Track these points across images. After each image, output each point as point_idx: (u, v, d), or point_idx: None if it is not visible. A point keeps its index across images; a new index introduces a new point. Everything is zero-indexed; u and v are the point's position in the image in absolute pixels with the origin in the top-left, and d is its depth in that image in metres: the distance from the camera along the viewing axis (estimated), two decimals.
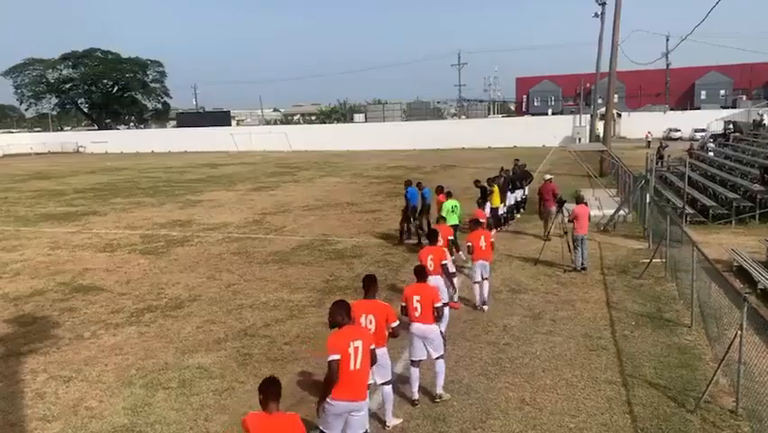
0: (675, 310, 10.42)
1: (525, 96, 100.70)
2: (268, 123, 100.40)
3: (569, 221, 13.40)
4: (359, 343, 5.44)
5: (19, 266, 15.25)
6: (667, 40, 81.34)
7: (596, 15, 43.58)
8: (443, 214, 13.73)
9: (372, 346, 5.65)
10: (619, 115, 67.03)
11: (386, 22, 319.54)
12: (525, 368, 8.26)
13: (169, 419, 7.14)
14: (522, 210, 20.11)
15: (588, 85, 69.10)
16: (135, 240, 18.24)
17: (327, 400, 5.47)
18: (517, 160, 22.56)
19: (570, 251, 13.27)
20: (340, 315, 5.59)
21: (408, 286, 7.67)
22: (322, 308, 11.04)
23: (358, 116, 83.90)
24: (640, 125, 64.28)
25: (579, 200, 13.66)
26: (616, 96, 44.26)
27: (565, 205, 14.39)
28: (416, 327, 7.22)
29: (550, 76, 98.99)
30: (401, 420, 6.91)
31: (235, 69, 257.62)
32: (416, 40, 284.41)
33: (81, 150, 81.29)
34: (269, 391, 4.51)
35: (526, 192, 20.67)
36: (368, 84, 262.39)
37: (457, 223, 14.29)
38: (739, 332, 6.51)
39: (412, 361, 7.38)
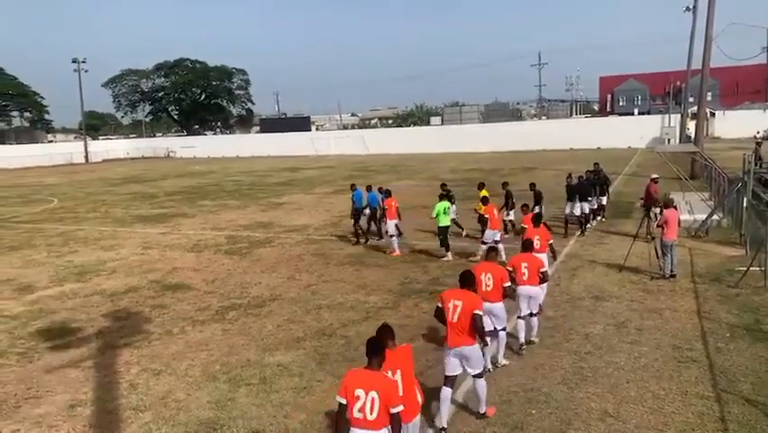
0: None
1: (609, 96, 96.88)
2: (345, 127, 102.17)
3: (657, 226, 12.76)
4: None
5: (115, 264, 16.28)
6: None
7: (687, 9, 41.42)
8: (435, 215, 15.04)
9: (476, 311, 6.55)
10: (713, 115, 63.16)
11: (463, 23, 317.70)
12: (609, 378, 7.92)
13: (251, 415, 7.38)
14: (601, 218, 18.91)
15: (678, 83, 65.61)
16: (221, 241, 19.04)
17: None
18: (597, 164, 20.70)
19: (657, 257, 12.63)
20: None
21: (515, 256, 9.06)
22: (396, 310, 11.11)
23: (434, 119, 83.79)
24: (736, 125, 60.34)
25: (668, 204, 12.99)
26: (709, 94, 41.70)
27: (653, 209, 13.72)
28: (524, 288, 8.70)
29: (636, 75, 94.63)
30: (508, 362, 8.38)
31: (314, 75, 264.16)
32: (494, 40, 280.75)
33: (171, 155, 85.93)
34: (372, 349, 5.15)
35: (604, 200, 19.14)
36: (445, 87, 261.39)
37: (448, 224, 15.28)
38: None
39: (519, 317, 8.87)
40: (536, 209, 16.54)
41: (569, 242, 16.23)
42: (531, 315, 8.95)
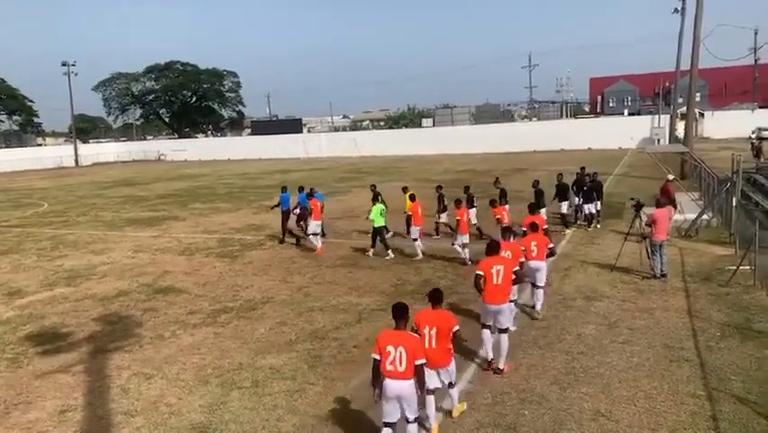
0: (766, 321, 9.75)
1: (599, 97, 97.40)
2: (337, 129, 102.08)
3: (647, 225, 12.83)
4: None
5: (106, 268, 16.17)
6: (755, 34, 76.79)
7: (676, 11, 41.81)
8: (371, 217, 15.63)
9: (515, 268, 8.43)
10: (702, 115, 63.59)
11: (453, 25, 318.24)
12: (601, 378, 7.95)
13: (243, 419, 7.34)
14: (595, 225, 18.28)
15: (667, 84, 66.07)
16: (212, 244, 18.96)
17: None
18: (584, 168, 20.08)
19: (648, 257, 12.69)
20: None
21: (525, 237, 10.62)
22: (389, 312, 11.06)
23: (426, 121, 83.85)
24: (725, 125, 60.80)
25: (658, 204, 13.05)
26: (698, 94, 42.00)
27: (643, 209, 13.78)
28: (533, 263, 10.16)
29: (626, 75, 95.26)
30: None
31: (306, 76, 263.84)
32: (484, 42, 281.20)
33: (162, 158, 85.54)
34: (397, 313, 6.22)
35: (599, 206, 18.56)
36: (436, 89, 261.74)
37: (384, 225, 15.80)
38: None
39: (534, 285, 10.43)
40: (541, 212, 16.56)
41: (561, 242, 16.28)
42: (537, 287, 10.43)
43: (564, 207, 18.21)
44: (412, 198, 16.53)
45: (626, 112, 79.81)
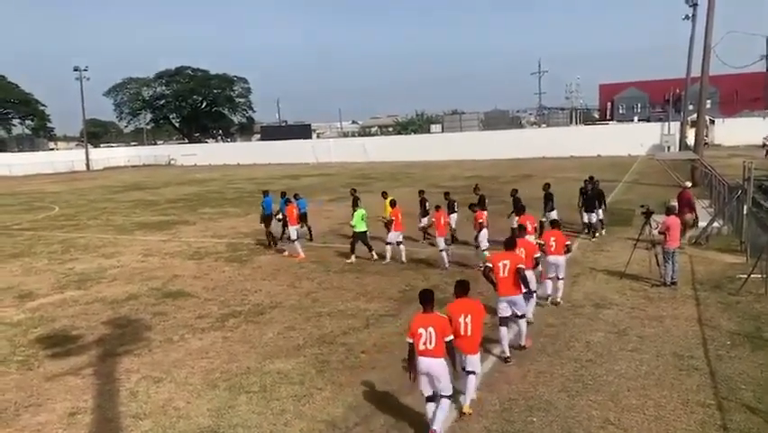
0: None
1: (609, 104, 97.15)
2: (346, 135, 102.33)
3: (659, 233, 12.76)
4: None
5: (116, 272, 16.28)
6: (767, 41, 76.30)
7: (686, 18, 41.64)
8: (354, 223, 15.86)
9: (519, 265, 8.91)
10: (712, 122, 63.21)
11: (462, 31, 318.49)
12: (610, 386, 7.91)
13: (251, 423, 7.36)
14: (600, 234, 18.00)
15: (677, 91, 65.75)
16: (221, 248, 19.04)
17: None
18: (592, 177, 19.52)
19: (658, 264, 12.62)
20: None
21: (545, 233, 11.82)
22: (398, 317, 11.09)
23: (434, 127, 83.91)
24: (736, 132, 60.37)
25: (669, 211, 12.99)
26: (708, 101, 41.81)
27: (653, 216, 13.72)
28: (552, 258, 11.10)
29: (636, 82, 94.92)
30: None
31: (315, 82, 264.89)
32: (494, 49, 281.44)
33: (172, 162, 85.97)
34: (423, 298, 6.70)
35: (601, 215, 18.28)
36: (445, 95, 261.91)
37: (365, 230, 15.96)
38: None
39: (550, 278, 11.40)
40: (551, 215, 16.57)
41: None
42: (558, 278, 11.33)
43: (554, 215, 17.05)
44: (392, 203, 16.73)
45: (635, 119, 79.51)
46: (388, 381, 8.30)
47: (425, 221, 17.88)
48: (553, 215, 16.57)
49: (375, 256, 15.86)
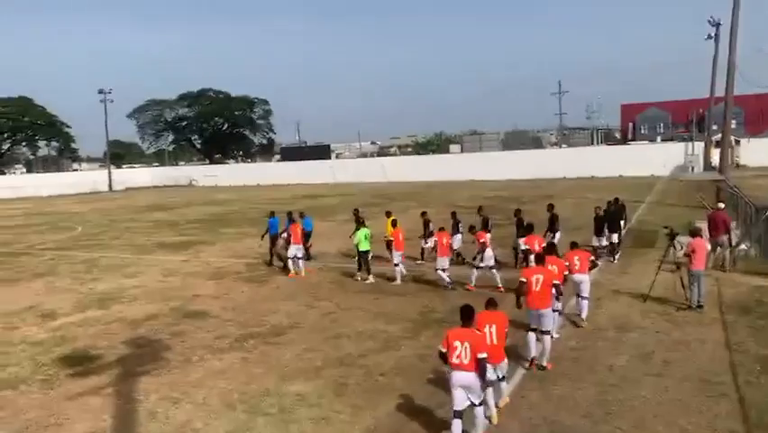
0: None
1: (630, 124, 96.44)
2: (365, 155, 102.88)
3: (685, 255, 12.53)
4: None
5: (137, 291, 16.41)
6: None
7: (709, 37, 41.41)
8: (356, 242, 16.03)
9: (555, 281, 9.52)
10: (738, 142, 62.27)
11: (482, 50, 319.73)
12: (634, 412, 7.70)
13: None
14: (615, 257, 17.25)
15: (701, 110, 65.08)
16: (240, 268, 19.12)
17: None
18: (617, 199, 19.35)
19: (683, 287, 12.36)
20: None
21: (568, 253, 11.54)
22: (416, 339, 10.99)
23: (454, 147, 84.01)
24: (762, 153, 59.41)
25: (694, 233, 12.77)
26: (733, 121, 41.30)
27: (678, 237, 13.48)
28: (577, 276, 11.23)
29: (658, 102, 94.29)
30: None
31: (335, 103, 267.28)
32: (513, 69, 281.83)
33: (194, 183, 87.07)
34: (464, 314, 6.98)
35: (615, 238, 17.32)
36: (465, 115, 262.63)
37: (368, 249, 16.11)
38: None
39: (579, 296, 11.53)
40: (554, 236, 16.40)
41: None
42: (582, 297, 11.46)
43: (557, 237, 16.83)
44: (394, 223, 16.92)
45: (658, 138, 78.72)
46: (406, 404, 8.18)
47: (431, 242, 17.71)
48: (557, 237, 16.41)
49: (359, 278, 16.15)
